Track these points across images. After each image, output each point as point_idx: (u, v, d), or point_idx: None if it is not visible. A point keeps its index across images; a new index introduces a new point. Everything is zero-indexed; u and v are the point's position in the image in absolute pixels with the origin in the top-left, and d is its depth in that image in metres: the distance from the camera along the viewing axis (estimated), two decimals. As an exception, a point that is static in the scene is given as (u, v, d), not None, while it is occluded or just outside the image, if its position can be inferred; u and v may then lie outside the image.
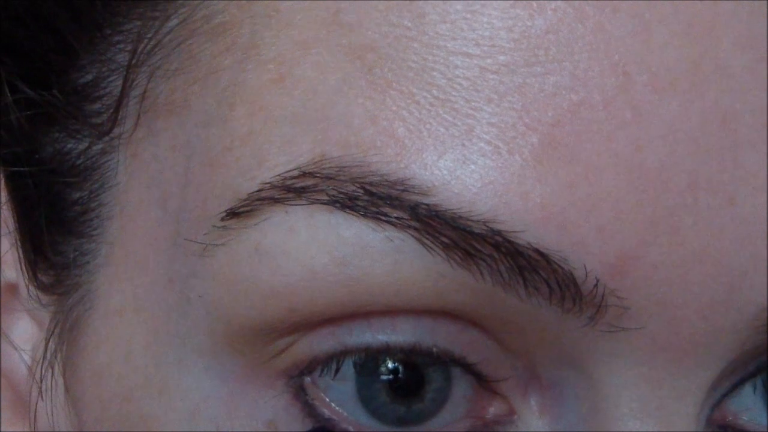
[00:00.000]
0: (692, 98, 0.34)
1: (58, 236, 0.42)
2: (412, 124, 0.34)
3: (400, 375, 0.37)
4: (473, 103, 0.34)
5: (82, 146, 0.41)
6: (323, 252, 0.34)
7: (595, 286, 0.34)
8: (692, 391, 0.36)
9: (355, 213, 0.34)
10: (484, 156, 0.34)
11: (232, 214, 0.35)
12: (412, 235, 0.34)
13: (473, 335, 0.36)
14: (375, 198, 0.34)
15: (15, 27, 0.42)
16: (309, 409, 0.37)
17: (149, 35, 0.38)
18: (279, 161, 0.35)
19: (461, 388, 0.37)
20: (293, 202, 0.35)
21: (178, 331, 0.38)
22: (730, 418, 0.39)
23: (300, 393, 0.37)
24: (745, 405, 0.39)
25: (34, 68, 0.41)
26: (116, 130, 0.40)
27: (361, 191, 0.34)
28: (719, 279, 0.35)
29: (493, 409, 0.38)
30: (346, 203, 0.34)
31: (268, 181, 0.35)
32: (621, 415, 0.36)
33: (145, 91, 0.39)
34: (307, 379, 0.37)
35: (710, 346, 0.36)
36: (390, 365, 0.37)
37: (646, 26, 0.34)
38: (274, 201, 0.35)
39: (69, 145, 0.41)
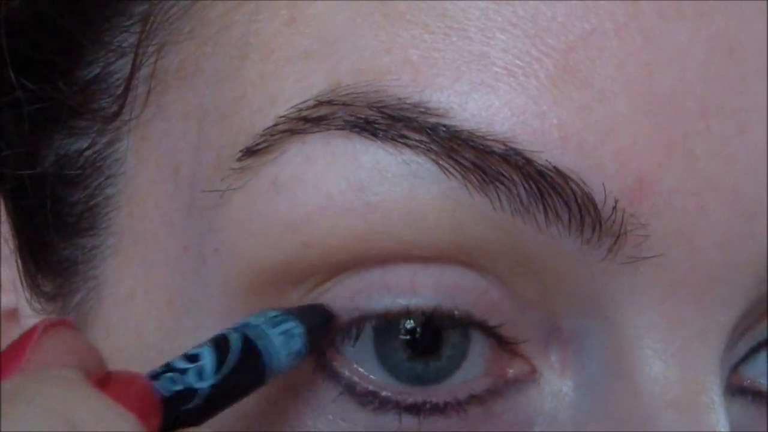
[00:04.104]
0: (699, 26, 0.35)
1: (61, 240, 0.41)
2: (426, 51, 0.34)
3: (417, 335, 0.36)
4: (486, 32, 0.34)
5: (85, 143, 0.40)
6: (340, 178, 0.34)
7: (614, 208, 0.34)
8: (715, 332, 0.36)
9: (372, 137, 0.34)
10: (499, 80, 0.34)
11: (249, 152, 0.35)
12: (431, 158, 0.34)
13: (495, 296, 0.36)
14: (393, 121, 0.34)
15: (20, 34, 0.42)
16: (329, 371, 0.36)
17: (158, 8, 0.39)
18: (293, 95, 0.35)
19: (479, 347, 0.37)
20: (310, 132, 0.34)
21: (193, 298, 0.37)
22: (748, 382, 0.39)
23: (320, 356, 0.36)
24: (761, 370, 0.39)
25: (38, 70, 0.41)
26: (123, 117, 0.39)
27: (379, 115, 0.34)
28: (735, 208, 0.35)
29: (513, 370, 0.37)
30: (364, 127, 0.34)
31: (282, 114, 0.35)
32: (645, 357, 0.35)
33: (154, 70, 0.39)
34: None
35: (730, 283, 0.35)
36: (408, 326, 0.36)
37: None
38: (291, 133, 0.35)
39: (73, 147, 0.41)
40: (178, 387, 0.31)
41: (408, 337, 0.36)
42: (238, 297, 0.36)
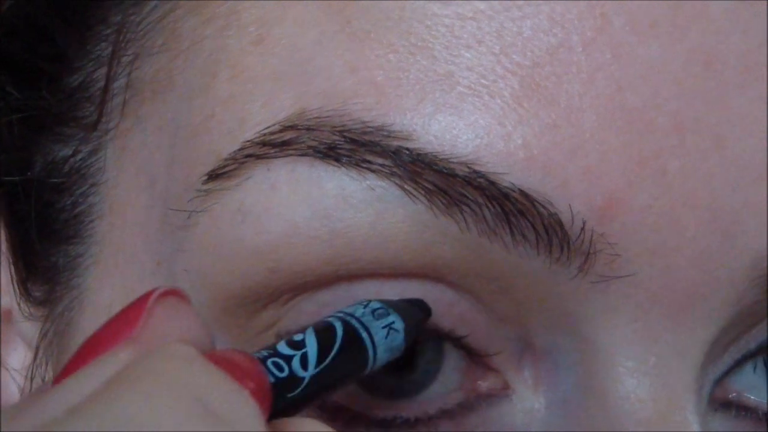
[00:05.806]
0: (673, 40, 0.34)
1: (49, 246, 0.41)
2: (391, 71, 0.34)
3: None
4: (452, 50, 0.34)
5: (70, 150, 0.41)
6: (305, 206, 0.34)
7: (582, 229, 0.33)
8: (691, 350, 0.35)
9: (336, 163, 0.34)
10: (463, 100, 0.33)
11: (214, 176, 0.35)
12: (395, 183, 0.33)
13: (464, 308, 0.36)
14: (356, 145, 0.33)
15: (9, 40, 0.42)
16: None
17: (131, 19, 0.39)
18: (260, 119, 0.35)
19: (453, 361, 0.36)
20: (274, 157, 0.34)
21: None
22: (733, 395, 0.38)
23: None
24: (747, 383, 0.38)
25: (27, 76, 0.42)
26: (103, 126, 0.40)
27: (342, 140, 0.33)
28: (712, 225, 0.34)
29: (486, 384, 0.37)
30: (327, 153, 0.33)
31: (248, 139, 0.35)
32: (617, 375, 0.35)
33: (129, 80, 0.39)
34: None
35: (707, 300, 0.35)
36: None
37: None
38: (256, 158, 0.34)
39: (60, 153, 0.41)
40: (284, 374, 0.31)
41: None
42: (210, 317, 0.36)
